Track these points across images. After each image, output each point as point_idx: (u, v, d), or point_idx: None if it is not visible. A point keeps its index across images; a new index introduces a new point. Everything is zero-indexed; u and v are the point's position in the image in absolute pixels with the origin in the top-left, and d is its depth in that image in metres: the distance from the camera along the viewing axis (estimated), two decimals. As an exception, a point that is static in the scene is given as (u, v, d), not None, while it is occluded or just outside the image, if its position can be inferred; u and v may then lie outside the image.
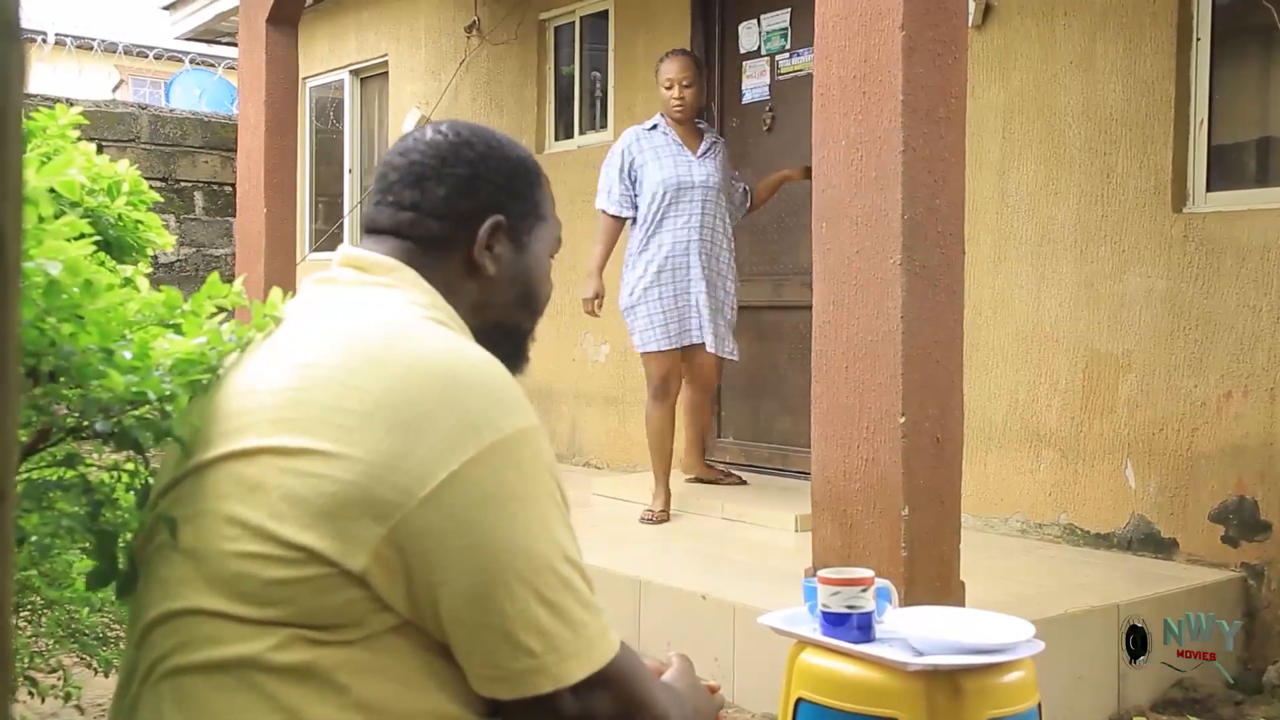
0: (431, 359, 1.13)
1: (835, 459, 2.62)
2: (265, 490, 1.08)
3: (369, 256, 1.28)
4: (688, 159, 4.34)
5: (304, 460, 1.08)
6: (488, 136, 1.36)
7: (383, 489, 1.06)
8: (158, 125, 7.63)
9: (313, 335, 1.19)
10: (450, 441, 1.08)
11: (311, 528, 1.06)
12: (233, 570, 1.08)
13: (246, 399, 1.15)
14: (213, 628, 1.09)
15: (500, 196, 1.33)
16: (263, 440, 1.10)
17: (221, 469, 1.12)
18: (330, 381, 1.11)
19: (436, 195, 1.30)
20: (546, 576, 1.10)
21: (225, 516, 1.09)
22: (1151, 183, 3.81)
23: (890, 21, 2.51)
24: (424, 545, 1.07)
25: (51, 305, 0.99)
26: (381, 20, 7.32)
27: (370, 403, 1.09)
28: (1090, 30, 3.95)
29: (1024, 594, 3.27)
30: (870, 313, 2.55)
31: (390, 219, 1.30)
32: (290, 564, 1.06)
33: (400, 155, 1.33)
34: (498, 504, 1.08)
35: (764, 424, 5.15)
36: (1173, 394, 3.74)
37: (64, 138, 1.70)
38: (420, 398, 1.09)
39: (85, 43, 15.42)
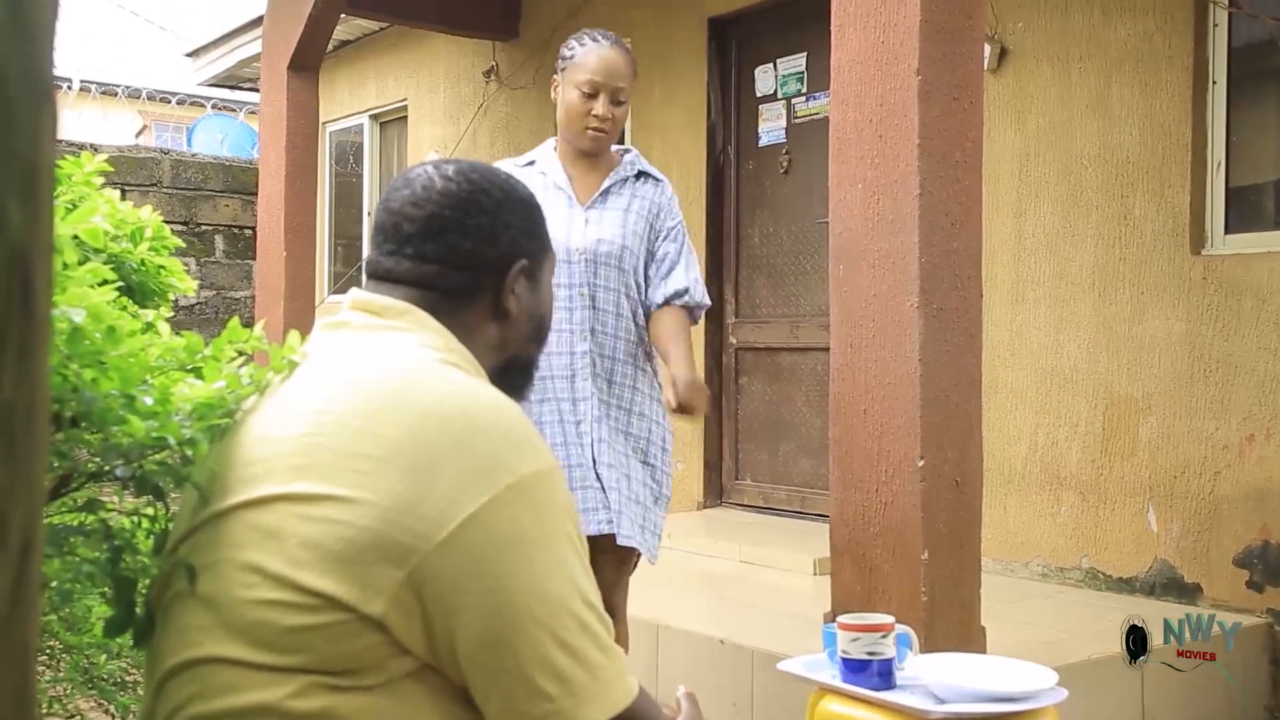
0: (445, 403, 1.13)
1: (854, 502, 2.61)
2: (282, 538, 1.08)
3: (380, 300, 1.27)
4: (570, 210, 2.70)
5: (320, 506, 1.08)
6: (498, 179, 1.36)
7: (399, 533, 1.06)
8: (180, 170, 7.72)
9: (326, 381, 1.18)
10: (465, 485, 1.08)
11: (329, 574, 1.06)
12: (251, 618, 1.08)
13: (261, 446, 1.15)
14: (231, 676, 1.09)
15: (519, 239, 1.34)
16: (279, 488, 1.10)
17: (238, 517, 1.12)
18: (344, 427, 1.11)
19: (462, 248, 1.30)
20: (563, 619, 1.09)
21: (243, 564, 1.09)
22: (1169, 225, 3.81)
23: (906, 66, 2.52)
24: (441, 589, 1.06)
25: (75, 352, 1.00)
26: (401, 65, 7.41)
27: (386, 448, 1.08)
28: (1105, 74, 3.97)
29: (1046, 639, 3.24)
30: (888, 355, 2.55)
31: (412, 272, 1.29)
32: (309, 610, 1.06)
33: (414, 206, 1.31)
34: (514, 547, 1.08)
35: (782, 466, 5.13)
36: (1194, 437, 3.72)
37: (88, 184, 1.73)
38: (435, 442, 1.09)
39: (110, 89, 15.65)
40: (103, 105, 15.58)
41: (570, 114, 2.66)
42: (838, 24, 2.67)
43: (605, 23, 6.00)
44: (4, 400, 0.50)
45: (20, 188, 0.52)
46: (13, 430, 0.51)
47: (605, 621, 1.14)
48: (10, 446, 0.51)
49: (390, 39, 7.41)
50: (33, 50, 0.55)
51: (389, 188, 1.36)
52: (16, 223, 0.51)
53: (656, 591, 3.89)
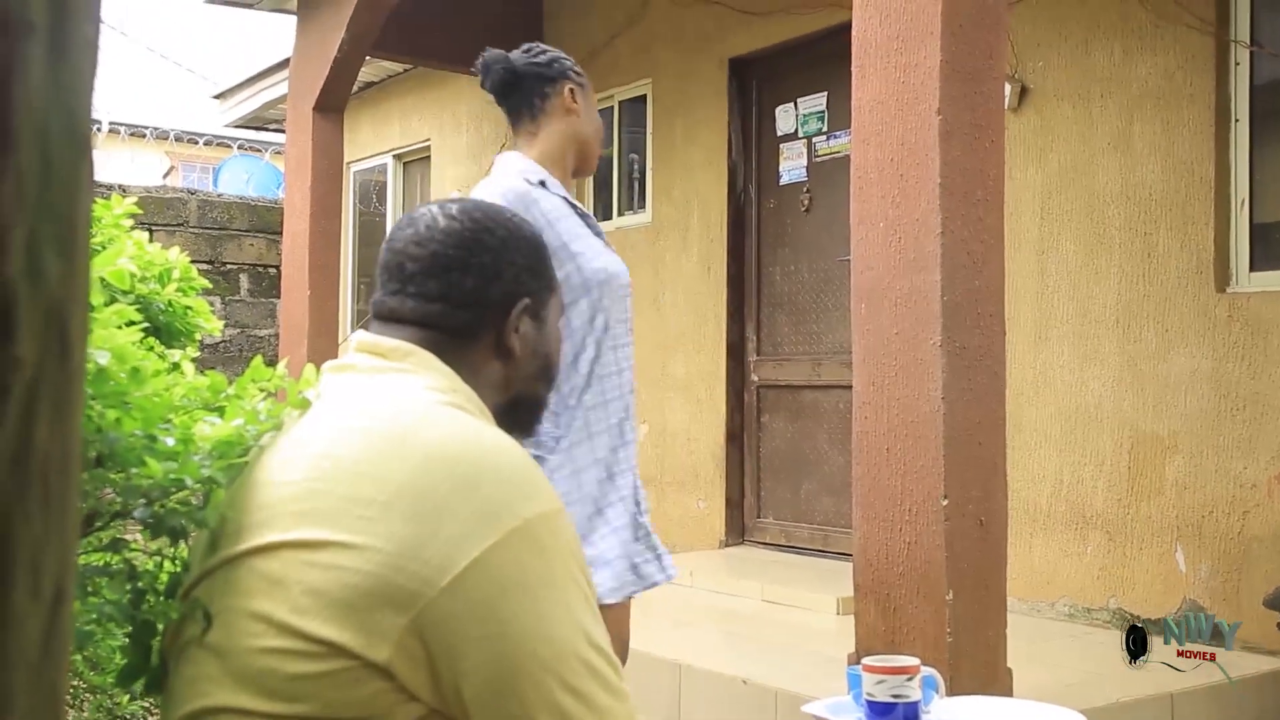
0: (449, 446, 1.12)
1: (877, 541, 2.59)
2: (287, 585, 1.07)
3: (385, 343, 1.27)
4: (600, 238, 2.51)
5: (324, 553, 1.07)
6: (501, 218, 1.37)
7: (403, 579, 1.05)
8: (206, 210, 7.80)
9: (329, 425, 1.18)
10: (470, 529, 1.07)
11: (333, 621, 1.05)
12: (258, 666, 1.07)
13: (269, 491, 1.14)
14: None
15: (523, 278, 1.34)
16: (284, 535, 1.09)
17: (245, 565, 1.11)
18: (346, 472, 1.11)
19: (464, 286, 1.30)
20: (571, 663, 1.08)
21: (249, 613, 1.09)
22: (1193, 262, 3.79)
23: (927, 106, 2.53)
24: (446, 634, 1.05)
25: (99, 392, 1.01)
26: (424, 106, 7.49)
27: (389, 492, 1.08)
28: (1127, 112, 3.97)
29: (1073, 681, 3.19)
30: (911, 394, 2.54)
31: (415, 311, 1.29)
32: (313, 658, 1.05)
33: (417, 245, 1.31)
34: (520, 591, 1.07)
35: (804, 504, 5.11)
36: (1222, 476, 3.68)
37: (118, 226, 1.75)
38: (438, 486, 1.08)
39: (138, 131, 15.87)
40: (131, 146, 15.79)
41: (598, 135, 2.57)
42: (858, 64, 2.68)
43: (627, 62, 6.06)
44: (39, 450, 0.51)
45: (58, 240, 0.53)
46: (48, 480, 0.52)
47: (614, 663, 1.13)
48: (45, 496, 0.52)
49: (414, 80, 7.50)
50: (72, 103, 0.56)
51: (394, 227, 1.36)
52: (54, 275, 0.52)
53: (678, 631, 3.87)
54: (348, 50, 5.48)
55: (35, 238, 0.52)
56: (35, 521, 0.52)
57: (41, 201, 0.53)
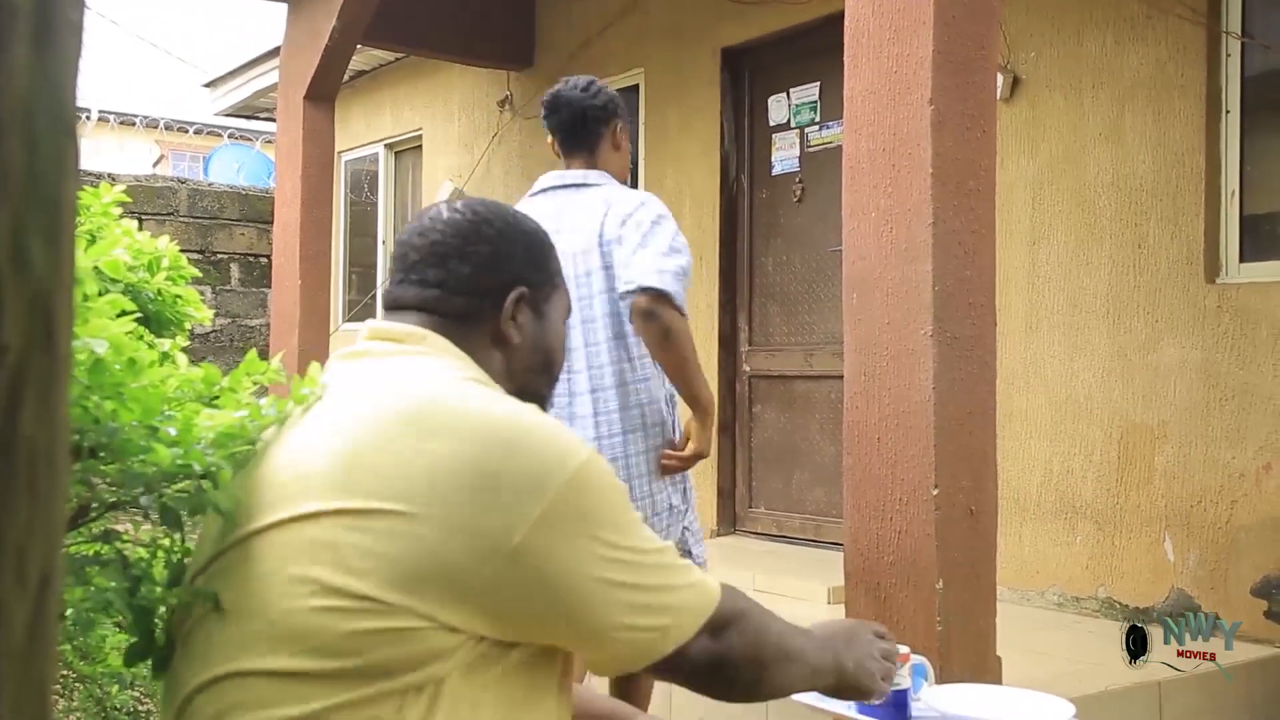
0: (486, 417, 1.18)
1: (868, 531, 2.60)
2: (337, 548, 1.10)
3: (398, 328, 1.32)
4: None
5: (375, 520, 1.10)
6: (503, 212, 1.42)
7: (466, 546, 1.10)
8: (196, 199, 7.78)
9: (356, 404, 1.21)
10: (525, 493, 1.12)
11: (395, 584, 1.09)
12: (305, 625, 1.10)
13: (293, 469, 1.17)
14: (265, 689, 1.10)
15: (521, 269, 1.39)
16: (325, 504, 1.12)
17: (279, 534, 1.13)
18: (386, 446, 1.14)
19: (461, 272, 1.35)
20: (641, 571, 1.18)
21: (293, 577, 1.11)
22: (1184, 253, 3.80)
23: (919, 96, 2.53)
24: (516, 590, 1.12)
25: (95, 383, 1.00)
26: (416, 95, 7.46)
27: (439, 466, 1.12)
28: (1119, 103, 3.97)
29: (1063, 670, 3.21)
30: (902, 384, 2.54)
31: (416, 296, 1.35)
32: (373, 615, 1.09)
33: (420, 236, 1.37)
34: (582, 534, 1.14)
35: (796, 494, 5.12)
36: (1210, 466, 3.69)
37: (106, 215, 1.74)
38: (486, 455, 1.13)
39: (128, 119, 15.81)
40: (120, 135, 15.73)
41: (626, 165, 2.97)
42: (851, 54, 2.68)
43: (619, 53, 6.05)
44: (25, 437, 0.51)
45: (43, 226, 0.52)
46: (34, 467, 0.52)
47: (666, 548, 1.22)
48: (31, 483, 0.52)
49: (405, 69, 7.47)
50: (57, 88, 0.56)
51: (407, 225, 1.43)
52: (40, 261, 0.52)
53: (670, 620, 3.87)
54: (339, 39, 5.46)
55: (20, 224, 0.52)
56: (21, 509, 0.52)
57: (27, 188, 0.52)
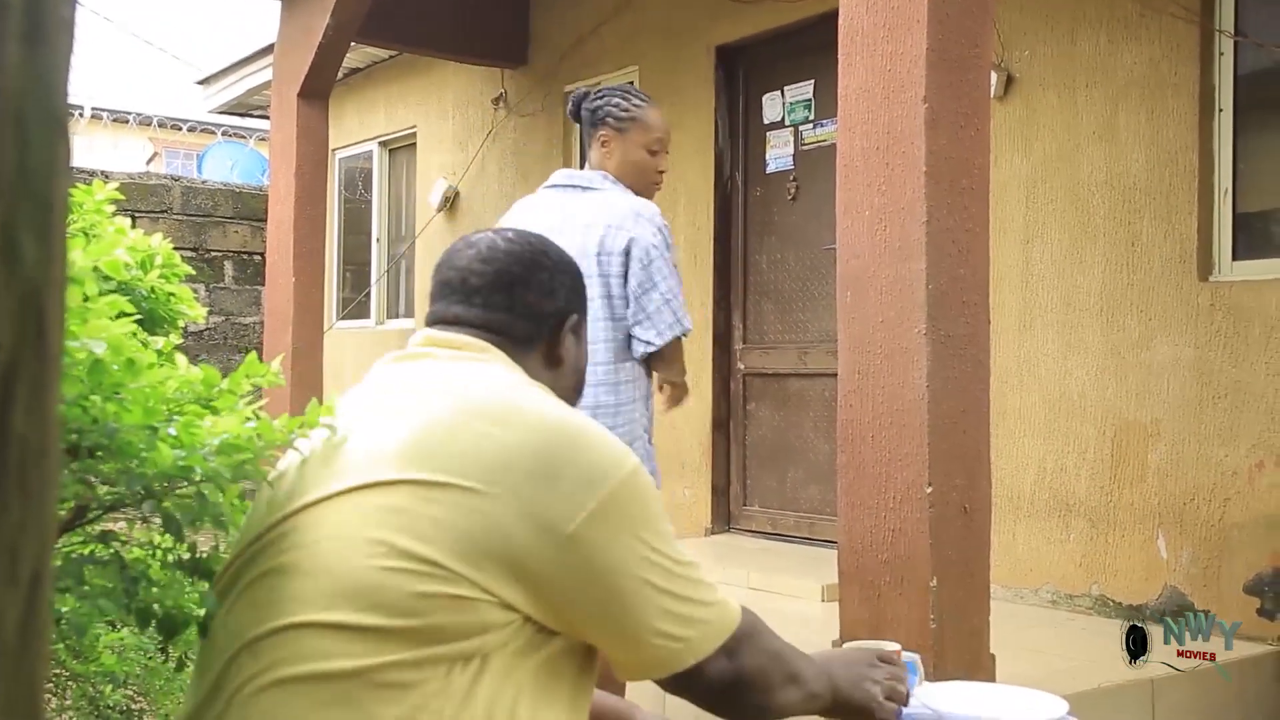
0: (552, 415, 1.29)
1: (862, 529, 2.60)
2: (411, 515, 1.18)
3: (461, 338, 1.42)
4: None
5: (450, 493, 1.19)
6: (550, 244, 1.55)
7: (528, 528, 1.19)
8: (190, 196, 7.76)
9: (428, 394, 1.32)
10: (584, 486, 1.22)
11: (461, 555, 1.17)
12: (373, 582, 1.16)
13: (366, 445, 1.26)
14: (326, 642, 1.16)
15: (571, 297, 1.53)
16: (400, 475, 1.21)
17: (354, 498, 1.21)
18: (460, 430, 1.24)
19: (526, 299, 1.47)
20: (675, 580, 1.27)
21: (365, 538, 1.18)
22: (1177, 251, 3.81)
23: (913, 94, 2.53)
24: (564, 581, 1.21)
25: (95, 383, 1.00)
26: (410, 93, 7.45)
27: (509, 452, 1.22)
28: (1112, 101, 3.98)
29: (1056, 668, 3.22)
30: (896, 382, 2.55)
31: (481, 317, 1.44)
32: (439, 580, 1.16)
33: (483, 263, 1.47)
34: (629, 533, 1.24)
35: (790, 492, 5.12)
36: (1203, 463, 3.70)
37: (99, 212, 1.74)
38: (553, 449, 1.24)
39: (121, 116, 15.76)
40: (114, 132, 15.69)
41: (643, 171, 2.91)
42: (845, 52, 2.68)
43: (613, 50, 6.04)
44: (16, 435, 0.51)
45: (35, 222, 0.52)
46: (25, 464, 0.52)
47: (696, 564, 1.32)
48: (22, 481, 0.52)
49: (399, 67, 7.46)
50: (49, 85, 0.56)
51: (449, 251, 1.52)
52: (31, 257, 0.52)
53: (664, 618, 3.88)
54: (333, 36, 5.45)
55: (11, 221, 0.51)
56: (13, 507, 0.52)
57: (18, 185, 0.52)
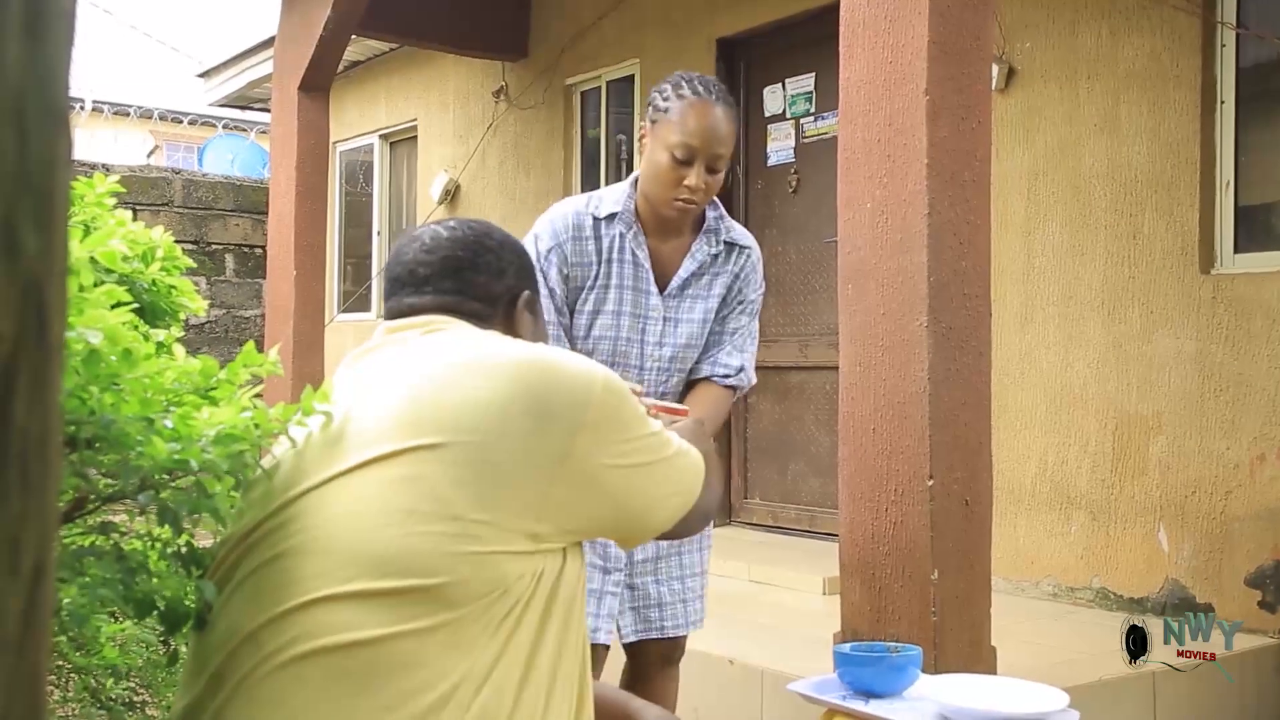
0: (529, 356, 1.35)
1: (863, 522, 2.60)
2: (426, 479, 1.22)
3: (422, 317, 1.46)
4: (648, 300, 2.37)
5: (455, 450, 1.24)
6: (494, 228, 1.58)
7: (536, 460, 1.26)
8: (191, 189, 7.76)
9: (410, 365, 1.35)
10: (570, 410, 1.31)
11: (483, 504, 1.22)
12: (399, 547, 1.19)
13: (360, 424, 1.29)
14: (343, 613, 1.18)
15: (520, 275, 1.56)
16: (404, 444, 1.24)
17: (362, 474, 1.24)
18: (448, 390, 1.29)
19: (476, 281, 1.50)
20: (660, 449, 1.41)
21: (386, 509, 1.22)
22: (1179, 244, 3.80)
23: (914, 86, 2.53)
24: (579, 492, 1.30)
25: (92, 374, 1.00)
26: (411, 86, 7.44)
27: (499, 398, 1.28)
28: (1114, 94, 3.97)
29: (1057, 660, 3.22)
30: (897, 374, 2.54)
31: (435, 302, 1.48)
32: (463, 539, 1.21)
33: (427, 253, 1.51)
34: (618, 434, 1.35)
35: (791, 485, 5.12)
36: (1205, 456, 3.70)
37: (100, 205, 1.74)
38: (538, 385, 1.31)
39: (122, 109, 15.75)
40: (115, 125, 15.68)
41: (660, 179, 2.27)
42: (846, 44, 2.67)
43: (614, 43, 6.04)
44: (18, 426, 0.51)
45: (35, 214, 0.52)
46: (26, 456, 0.52)
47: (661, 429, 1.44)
48: (24, 472, 0.52)
49: (400, 59, 7.45)
50: (49, 78, 0.56)
51: (396, 248, 1.56)
52: (32, 249, 0.52)
53: (665, 611, 3.88)
54: (333, 29, 5.45)
55: (12, 213, 0.51)
56: (14, 499, 0.52)
57: (18, 176, 0.52)
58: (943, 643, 2.45)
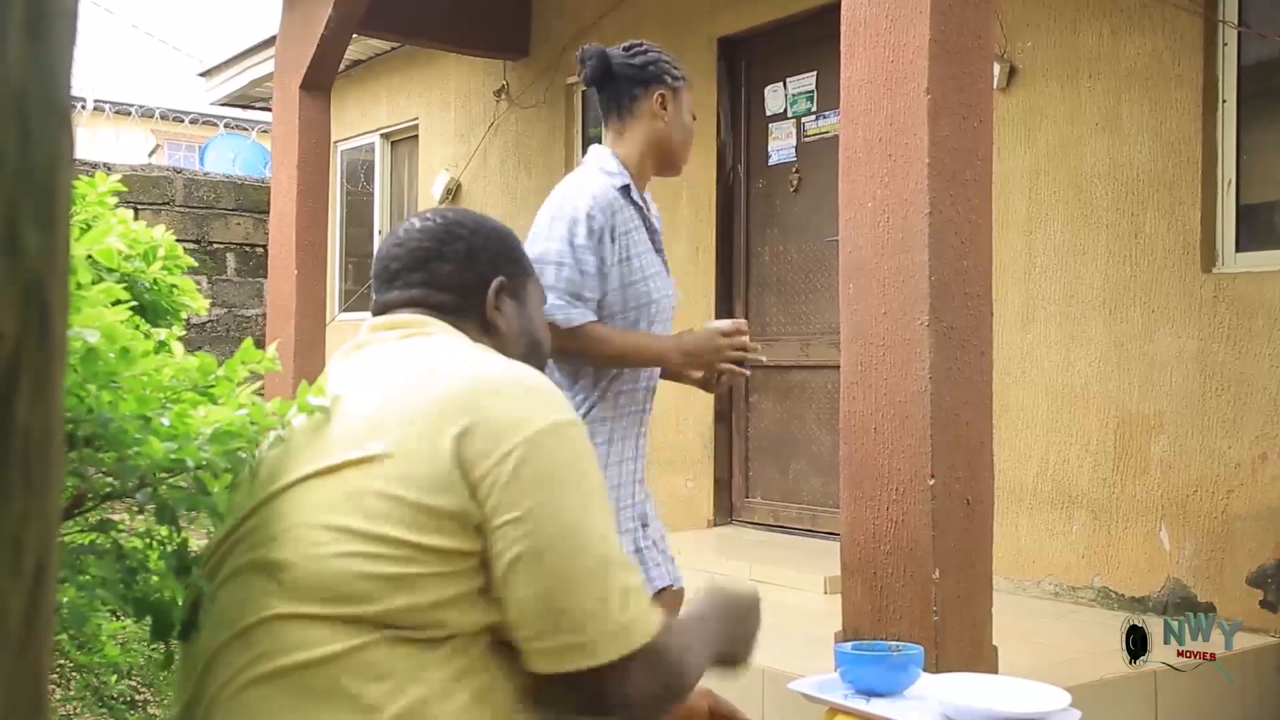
0: (486, 368, 1.30)
1: (864, 521, 2.60)
2: (358, 495, 1.19)
3: (401, 317, 1.42)
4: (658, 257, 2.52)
5: (388, 464, 1.19)
6: (470, 215, 1.54)
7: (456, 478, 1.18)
8: (192, 188, 7.76)
9: (376, 374, 1.32)
10: (505, 429, 1.21)
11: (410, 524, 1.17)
12: (331, 570, 1.16)
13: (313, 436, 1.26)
14: (300, 632, 1.16)
15: (496, 261, 1.51)
16: (344, 456, 1.21)
17: (301, 490, 1.22)
18: (400, 399, 1.25)
19: (443, 270, 1.46)
20: (590, 557, 1.20)
21: (322, 525, 1.18)
22: (1180, 243, 3.80)
23: (915, 85, 2.53)
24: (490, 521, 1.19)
25: (89, 372, 1.00)
26: (412, 85, 7.44)
27: (437, 407, 1.22)
28: (1115, 92, 3.97)
29: (1058, 659, 3.22)
30: (898, 374, 2.54)
31: (403, 296, 1.45)
32: (394, 561, 1.16)
33: (397, 246, 1.48)
34: (550, 481, 1.20)
35: (792, 484, 5.12)
36: (1206, 455, 3.70)
37: (102, 204, 1.74)
38: (479, 397, 1.23)
39: (123, 108, 15.76)
40: (116, 124, 15.69)
41: (687, 139, 2.54)
42: (847, 43, 2.67)
43: (614, 42, 6.01)
44: (20, 425, 0.51)
45: (37, 213, 0.52)
46: (28, 455, 0.52)
47: (628, 560, 1.24)
48: (26, 471, 0.52)
49: (401, 59, 7.45)
50: (51, 77, 0.56)
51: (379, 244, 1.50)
52: (34, 248, 0.52)
53: (666, 610, 3.88)
54: (335, 28, 5.45)
55: (14, 211, 0.51)
56: (17, 498, 0.52)
57: (20, 175, 0.52)
58: (944, 642, 2.45)
